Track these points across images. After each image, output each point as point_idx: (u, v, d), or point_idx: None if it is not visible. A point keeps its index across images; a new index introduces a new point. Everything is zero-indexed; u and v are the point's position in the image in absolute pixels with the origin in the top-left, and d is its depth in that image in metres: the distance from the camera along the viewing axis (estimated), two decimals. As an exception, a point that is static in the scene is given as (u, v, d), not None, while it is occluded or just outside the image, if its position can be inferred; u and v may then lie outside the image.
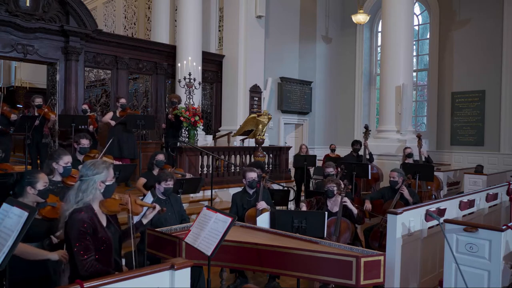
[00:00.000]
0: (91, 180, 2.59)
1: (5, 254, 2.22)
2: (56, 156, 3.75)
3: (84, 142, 5.14)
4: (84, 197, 2.56)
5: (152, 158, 5.72)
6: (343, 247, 3.59)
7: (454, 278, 3.43)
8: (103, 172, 2.63)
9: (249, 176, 5.02)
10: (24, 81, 15.42)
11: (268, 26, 11.02)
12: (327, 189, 4.92)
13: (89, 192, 2.57)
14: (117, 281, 2.21)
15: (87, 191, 2.57)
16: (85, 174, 2.60)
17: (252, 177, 5.02)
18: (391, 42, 9.47)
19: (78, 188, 2.58)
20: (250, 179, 5.02)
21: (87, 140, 5.19)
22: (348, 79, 13.08)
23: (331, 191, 4.91)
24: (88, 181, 2.58)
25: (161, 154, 5.78)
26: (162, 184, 4.49)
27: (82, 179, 2.60)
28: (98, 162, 2.68)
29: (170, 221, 4.41)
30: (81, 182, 2.59)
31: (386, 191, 5.63)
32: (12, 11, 7.43)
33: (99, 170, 2.62)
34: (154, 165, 5.66)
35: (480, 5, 10.48)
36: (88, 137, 5.30)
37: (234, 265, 3.71)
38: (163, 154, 5.82)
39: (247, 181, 5.05)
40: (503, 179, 8.08)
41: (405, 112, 9.34)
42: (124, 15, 14.11)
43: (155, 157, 5.68)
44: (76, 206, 2.54)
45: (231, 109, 10.50)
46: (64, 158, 3.75)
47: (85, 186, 2.57)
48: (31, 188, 3.00)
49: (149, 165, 5.79)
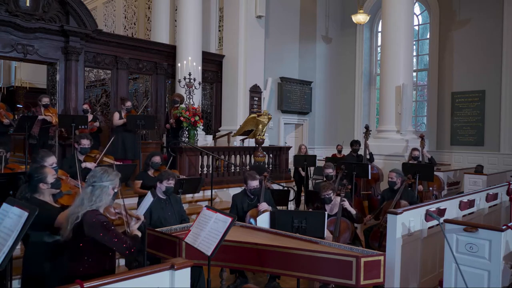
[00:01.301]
0: (105, 187, 2.70)
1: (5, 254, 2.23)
2: (39, 159, 3.74)
3: (85, 142, 5.14)
4: (97, 202, 2.66)
5: (148, 159, 5.71)
6: (343, 247, 3.60)
7: (454, 278, 3.43)
8: (115, 179, 2.77)
9: (251, 184, 4.97)
10: (24, 81, 15.41)
11: (268, 26, 11.01)
12: (324, 198, 4.90)
13: (102, 197, 2.68)
14: (117, 281, 2.21)
15: (101, 197, 2.67)
16: (99, 180, 2.70)
17: (254, 185, 4.97)
18: (391, 42, 9.46)
19: (92, 193, 2.67)
20: (252, 188, 4.98)
21: (88, 140, 5.19)
22: (348, 79, 13.08)
23: (328, 199, 4.90)
24: (101, 187, 2.69)
25: (158, 156, 5.76)
26: (164, 183, 4.50)
27: (94, 184, 2.69)
28: (109, 170, 2.81)
29: (170, 221, 4.42)
30: (94, 188, 2.68)
31: (385, 193, 5.63)
32: (12, 11, 7.43)
33: (112, 178, 2.75)
34: (150, 166, 5.66)
35: (480, 5, 10.48)
36: (89, 137, 5.30)
37: (234, 265, 3.72)
38: (159, 156, 5.79)
39: (248, 189, 5.01)
40: (503, 179, 8.08)
41: (405, 112, 9.34)
42: (124, 15, 14.10)
43: (151, 158, 5.67)
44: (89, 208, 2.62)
45: (231, 109, 10.50)
46: (47, 160, 3.74)
47: (99, 192, 2.68)
48: (43, 184, 3.10)
49: (145, 165, 5.78)
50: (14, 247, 2.26)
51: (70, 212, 2.67)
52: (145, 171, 5.68)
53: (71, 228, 2.60)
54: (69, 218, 2.64)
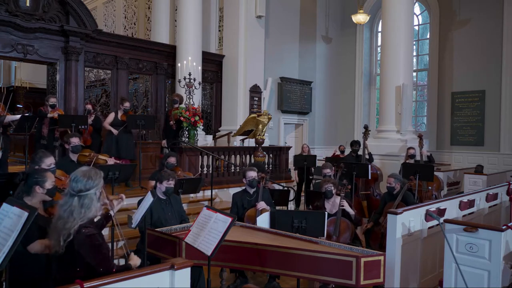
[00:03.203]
0: (92, 194, 2.52)
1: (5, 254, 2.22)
2: (38, 160, 3.72)
3: (74, 140, 5.05)
4: (87, 213, 2.49)
5: (164, 159, 5.80)
6: (343, 247, 3.59)
7: (454, 278, 3.43)
8: (100, 182, 2.57)
9: (249, 175, 5.09)
10: (24, 81, 15.42)
11: (268, 26, 11.01)
12: (325, 190, 4.92)
13: (91, 206, 2.50)
14: (117, 281, 2.21)
15: (90, 206, 2.49)
16: (85, 189, 2.49)
17: (252, 176, 5.08)
18: (391, 42, 9.46)
19: (80, 204, 2.47)
20: (250, 178, 5.08)
21: (77, 138, 5.11)
22: (348, 79, 13.08)
23: (329, 191, 4.91)
24: (89, 195, 2.50)
25: (173, 157, 5.88)
26: (164, 184, 4.51)
27: (80, 194, 2.49)
28: (92, 173, 2.57)
29: (170, 221, 4.42)
30: (81, 198, 2.48)
31: (385, 196, 5.61)
32: (12, 11, 7.42)
33: (96, 181, 2.54)
34: (165, 167, 5.68)
35: (480, 5, 10.48)
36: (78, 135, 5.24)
37: (234, 265, 3.72)
38: (175, 157, 5.91)
39: (247, 180, 5.11)
40: (503, 179, 8.08)
41: (405, 112, 9.34)
42: (124, 15, 14.10)
43: (167, 159, 5.78)
44: (81, 222, 2.46)
45: (231, 109, 10.50)
46: (45, 161, 3.72)
47: (88, 201, 2.49)
48: (40, 187, 2.99)
49: (160, 165, 5.87)
50: (14, 247, 2.25)
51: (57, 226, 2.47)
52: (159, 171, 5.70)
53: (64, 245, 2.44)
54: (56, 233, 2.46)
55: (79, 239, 2.42)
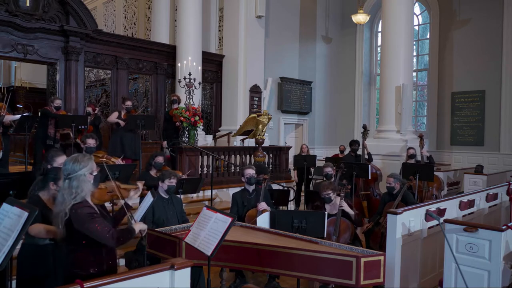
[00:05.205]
0: (81, 175, 2.59)
1: (5, 254, 2.23)
2: (50, 158, 3.75)
3: (90, 141, 5.18)
4: (79, 193, 2.56)
5: (151, 159, 5.72)
6: (343, 247, 3.59)
7: (454, 278, 3.43)
8: (89, 164, 2.64)
9: (247, 172, 5.15)
10: (24, 81, 15.41)
11: (268, 26, 11.02)
12: (324, 197, 4.91)
13: (82, 187, 2.58)
14: (117, 281, 2.21)
15: (80, 187, 2.57)
16: (72, 171, 2.58)
17: (250, 173, 5.13)
18: (391, 42, 9.46)
19: (70, 186, 2.57)
20: (249, 175, 5.13)
21: (93, 139, 5.20)
22: (348, 79, 13.08)
23: (328, 198, 4.90)
24: (77, 177, 2.58)
25: (161, 156, 5.79)
26: (166, 182, 4.53)
27: (70, 176, 2.58)
28: (79, 156, 2.67)
29: (172, 221, 4.43)
30: (70, 180, 2.58)
31: (384, 196, 5.60)
32: (12, 11, 7.42)
33: (85, 163, 2.62)
34: (153, 166, 5.65)
35: (480, 5, 10.48)
36: (95, 137, 5.30)
37: (234, 265, 3.71)
38: (162, 156, 5.83)
39: (245, 178, 5.16)
40: (503, 179, 8.09)
41: (405, 112, 9.34)
42: (124, 15, 14.10)
43: (155, 158, 5.69)
44: (74, 202, 2.55)
45: (231, 109, 10.50)
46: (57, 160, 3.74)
47: (76, 183, 2.57)
48: (54, 184, 3.15)
49: (147, 165, 5.78)
50: (14, 247, 2.26)
51: (56, 211, 2.60)
52: (147, 171, 5.68)
53: (63, 225, 2.56)
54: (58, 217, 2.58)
55: (73, 216, 2.53)
